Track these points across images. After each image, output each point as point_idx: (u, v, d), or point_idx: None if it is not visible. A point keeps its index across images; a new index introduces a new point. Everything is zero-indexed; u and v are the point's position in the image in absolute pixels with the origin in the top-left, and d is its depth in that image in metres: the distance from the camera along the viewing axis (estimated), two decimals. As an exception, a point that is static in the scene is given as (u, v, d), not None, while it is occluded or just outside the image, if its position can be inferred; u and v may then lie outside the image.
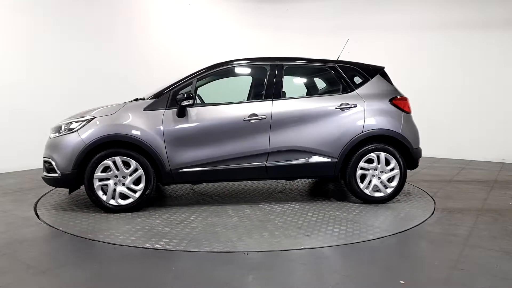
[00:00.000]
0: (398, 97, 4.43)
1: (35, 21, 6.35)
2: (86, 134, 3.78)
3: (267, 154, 4.06)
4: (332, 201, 4.45)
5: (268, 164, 4.08)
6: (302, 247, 3.01)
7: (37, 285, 2.40)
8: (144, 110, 3.92)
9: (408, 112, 4.42)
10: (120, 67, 7.38)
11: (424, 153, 7.87)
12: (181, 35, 8.44)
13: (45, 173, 4.03)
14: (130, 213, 3.85)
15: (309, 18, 9.26)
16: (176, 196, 4.65)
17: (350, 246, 3.06)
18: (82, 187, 4.01)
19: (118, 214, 3.83)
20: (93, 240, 3.16)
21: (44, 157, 4.01)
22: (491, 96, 7.64)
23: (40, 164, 6.30)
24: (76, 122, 3.89)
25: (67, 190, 4.42)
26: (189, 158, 3.92)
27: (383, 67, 4.65)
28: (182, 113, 3.92)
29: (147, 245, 3.02)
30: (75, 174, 3.79)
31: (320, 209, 4.07)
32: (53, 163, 3.84)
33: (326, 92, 4.67)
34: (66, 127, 3.90)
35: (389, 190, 4.28)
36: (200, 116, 3.97)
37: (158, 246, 3.02)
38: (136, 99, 4.19)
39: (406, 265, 2.75)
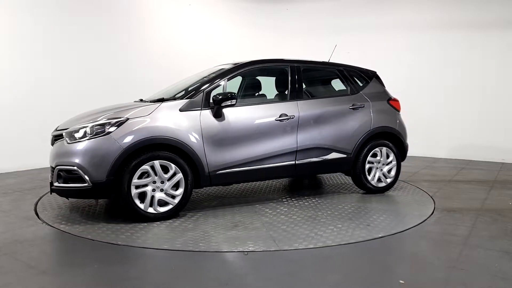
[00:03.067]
0: (393, 98, 5.03)
1: (35, 21, 6.35)
2: (123, 138, 3.44)
3: (295, 152, 4.24)
4: (341, 193, 4.86)
5: (297, 162, 4.25)
6: (380, 235, 3.27)
7: (37, 285, 2.40)
8: (180, 110, 3.75)
9: (399, 111, 5.03)
10: (120, 67, 7.38)
11: (424, 153, 7.98)
12: (181, 35, 8.43)
13: (58, 184, 3.54)
14: (171, 220, 3.62)
15: (309, 18, 9.26)
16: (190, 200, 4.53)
17: (350, 246, 3.07)
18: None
19: (158, 221, 3.58)
20: (93, 240, 3.17)
21: (61, 165, 3.51)
22: (491, 96, 7.64)
23: (40, 164, 6.41)
24: (105, 124, 3.49)
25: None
26: (227, 159, 3.88)
27: (376, 71, 5.14)
28: (219, 113, 3.86)
29: (240, 249, 2.96)
30: (110, 182, 3.42)
31: (343, 202, 4.41)
32: (80, 171, 3.41)
33: (337, 93, 4.86)
34: (91, 131, 3.48)
35: (388, 180, 4.81)
36: (236, 116, 3.95)
37: (251, 248, 2.97)
38: (162, 99, 3.93)
39: (406, 265, 2.75)
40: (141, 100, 4.35)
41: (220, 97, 3.81)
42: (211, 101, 3.86)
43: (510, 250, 2.98)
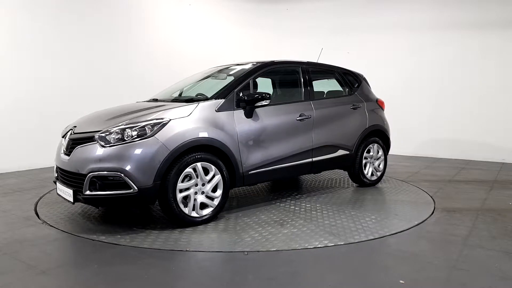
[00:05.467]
0: (379, 98, 5.42)
1: (35, 21, 6.34)
2: (170, 139, 3.28)
3: (312, 150, 4.41)
4: (337, 188, 5.12)
5: (314, 159, 4.44)
6: (416, 223, 3.58)
7: (37, 285, 2.41)
8: (216, 111, 3.69)
9: (384, 109, 5.43)
10: (121, 67, 7.37)
11: (424, 153, 7.98)
12: (181, 35, 8.43)
13: (91, 192, 3.21)
14: (212, 223, 3.55)
15: (309, 18, 9.25)
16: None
17: (351, 246, 3.07)
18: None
19: (201, 225, 3.49)
20: (93, 240, 3.17)
21: (97, 172, 3.18)
22: (491, 96, 7.64)
23: (40, 164, 6.41)
24: (147, 126, 3.30)
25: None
26: (258, 159, 3.91)
27: (363, 74, 5.48)
28: (251, 113, 3.88)
29: (308, 246, 3.03)
30: (157, 187, 3.24)
31: (351, 196, 4.68)
32: (125, 176, 3.15)
33: (340, 93, 5.15)
34: (132, 133, 3.25)
35: (379, 173, 5.25)
36: (265, 116, 3.98)
37: (320, 245, 3.05)
38: (192, 100, 3.85)
39: (406, 265, 2.75)
40: (155, 99, 4.30)
41: (254, 97, 3.82)
42: (241, 101, 3.85)
43: (510, 250, 2.98)
